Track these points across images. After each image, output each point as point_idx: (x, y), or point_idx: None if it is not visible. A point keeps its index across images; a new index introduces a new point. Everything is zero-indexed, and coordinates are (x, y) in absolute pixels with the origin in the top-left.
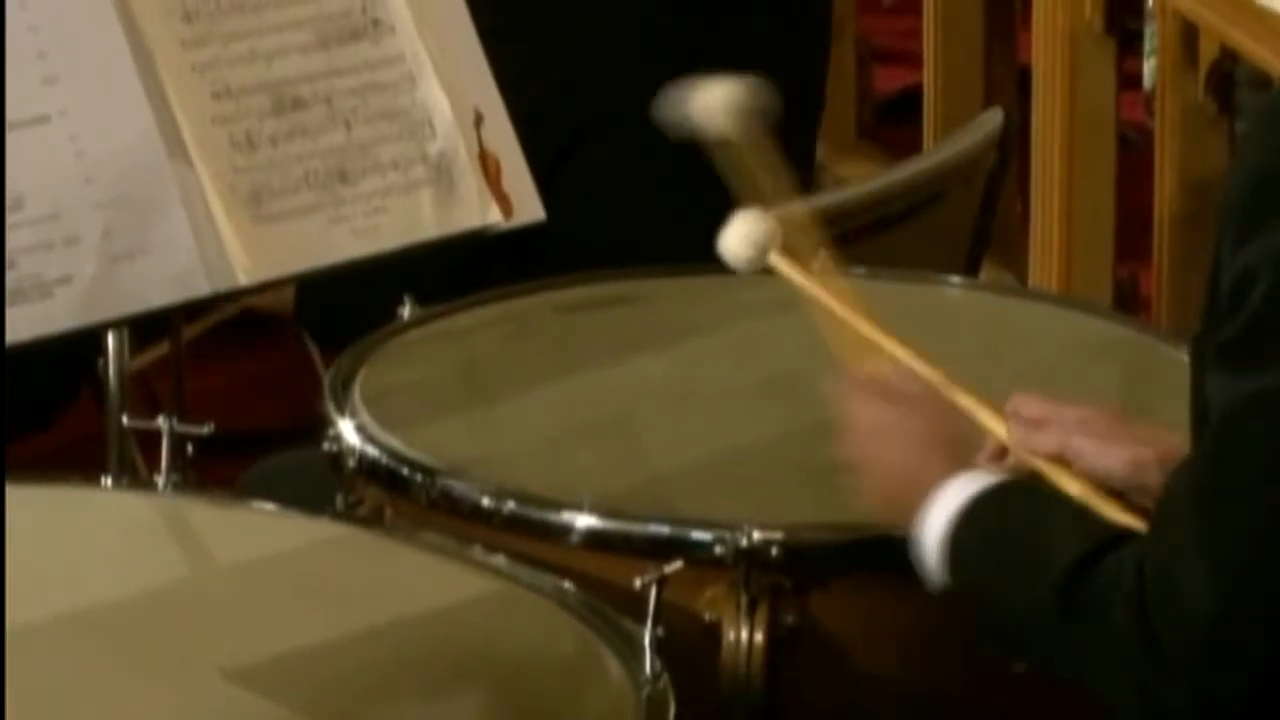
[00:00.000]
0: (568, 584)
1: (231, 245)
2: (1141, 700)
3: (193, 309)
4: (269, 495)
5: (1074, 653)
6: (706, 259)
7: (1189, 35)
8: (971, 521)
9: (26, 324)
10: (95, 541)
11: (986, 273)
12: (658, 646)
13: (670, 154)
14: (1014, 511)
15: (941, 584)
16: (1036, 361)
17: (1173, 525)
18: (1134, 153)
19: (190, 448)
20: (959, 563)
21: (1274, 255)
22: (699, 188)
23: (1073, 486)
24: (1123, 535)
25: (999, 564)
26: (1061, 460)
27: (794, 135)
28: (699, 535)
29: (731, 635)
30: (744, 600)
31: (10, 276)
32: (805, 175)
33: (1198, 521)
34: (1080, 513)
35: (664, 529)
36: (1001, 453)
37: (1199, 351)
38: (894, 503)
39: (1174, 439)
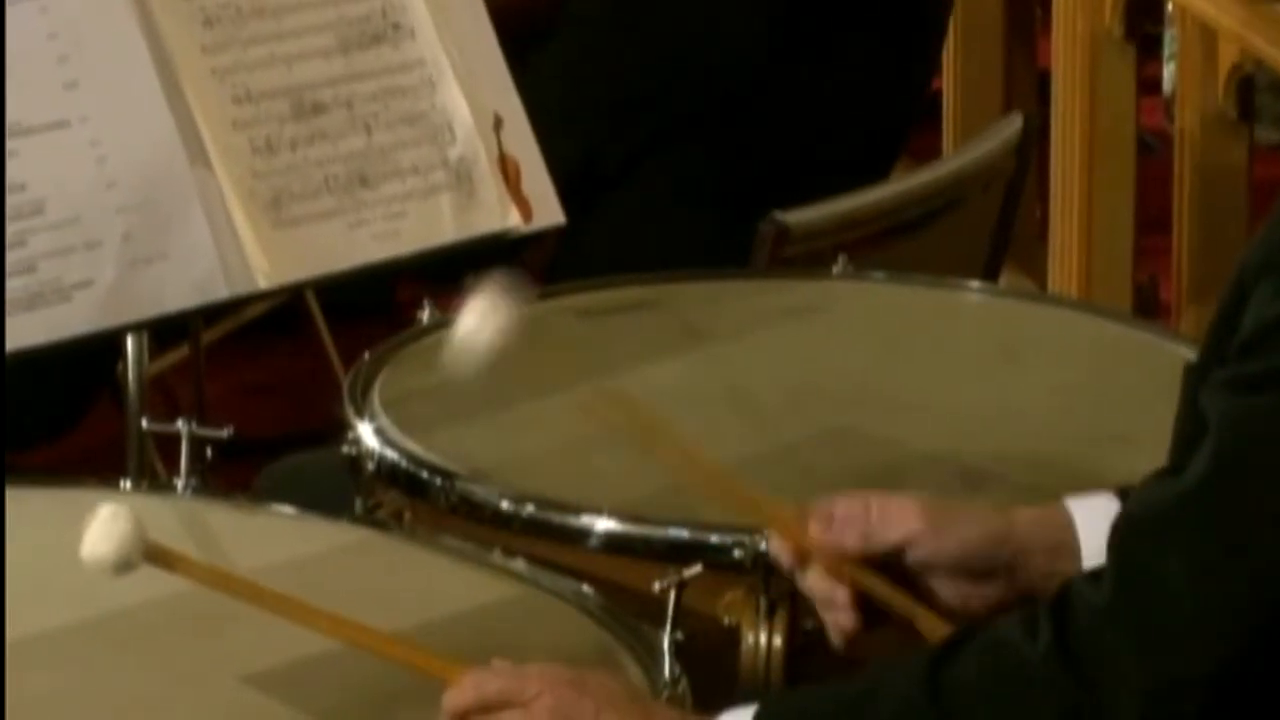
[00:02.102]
0: (587, 588)
1: (251, 249)
2: None
3: (212, 313)
4: (288, 499)
5: None
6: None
7: (1209, 40)
8: None
9: (45, 328)
10: None
11: (1006, 278)
12: (677, 650)
13: (693, 171)
14: (808, 693)
15: None
16: (1056, 367)
17: (1145, 533)
18: (1153, 158)
19: (209, 451)
20: None
21: None
22: (735, 210)
23: (885, 591)
24: (958, 636)
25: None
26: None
27: (880, 152)
28: (718, 539)
29: (750, 639)
30: (763, 604)
31: (30, 280)
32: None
33: (1183, 528)
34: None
35: (683, 533)
36: (803, 556)
37: (1198, 375)
38: None
39: (1008, 513)
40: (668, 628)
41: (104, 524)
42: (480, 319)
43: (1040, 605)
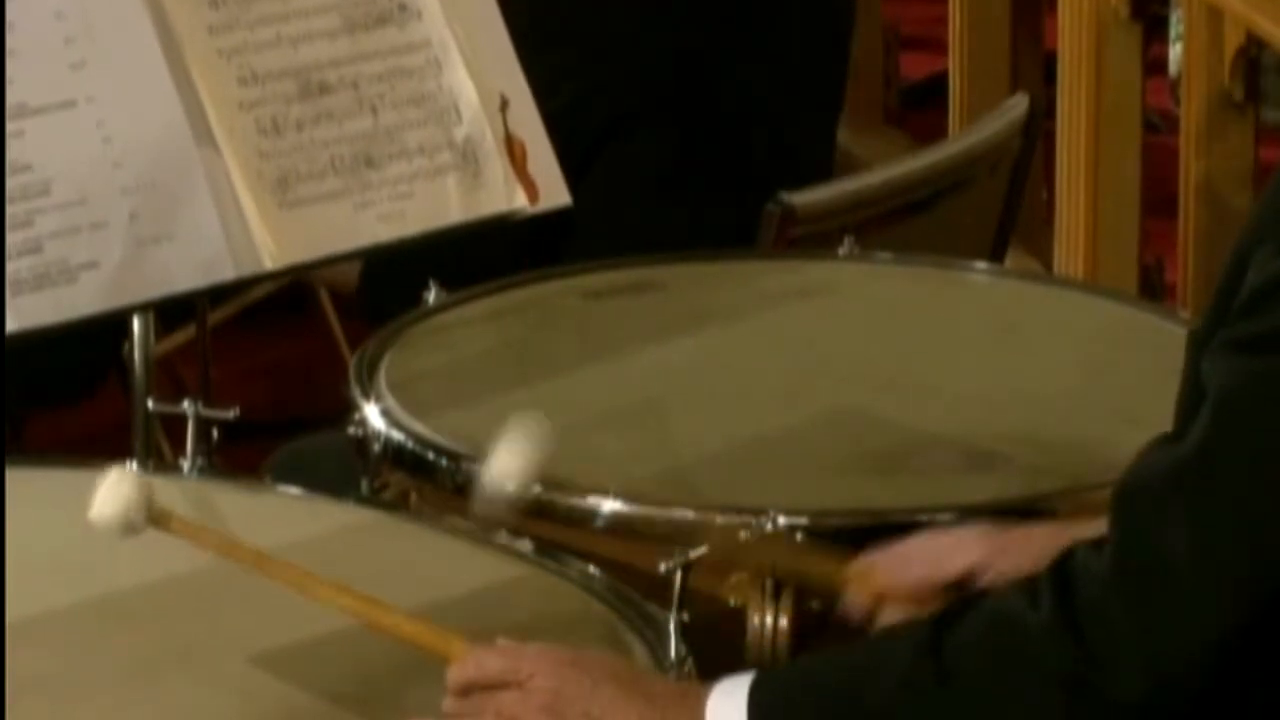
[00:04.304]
0: (593, 569)
1: (257, 230)
2: (1072, 703)
3: (218, 294)
4: (294, 480)
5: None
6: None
7: (1215, 21)
8: (770, 694)
9: (52, 308)
10: None
11: (1012, 259)
12: (683, 631)
13: (695, 152)
14: (807, 664)
15: None
16: (1061, 349)
17: (1146, 500)
18: (1159, 139)
19: (215, 432)
20: None
21: None
22: (723, 186)
23: None
24: (954, 606)
25: (831, 693)
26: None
27: (815, 126)
28: (724, 520)
29: (756, 620)
30: (769, 585)
31: (36, 261)
32: (826, 163)
33: (1183, 493)
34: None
35: (689, 514)
36: (879, 601)
37: (1199, 343)
38: None
39: (1070, 526)
40: (674, 608)
41: (111, 487)
42: (511, 459)
43: (1041, 574)
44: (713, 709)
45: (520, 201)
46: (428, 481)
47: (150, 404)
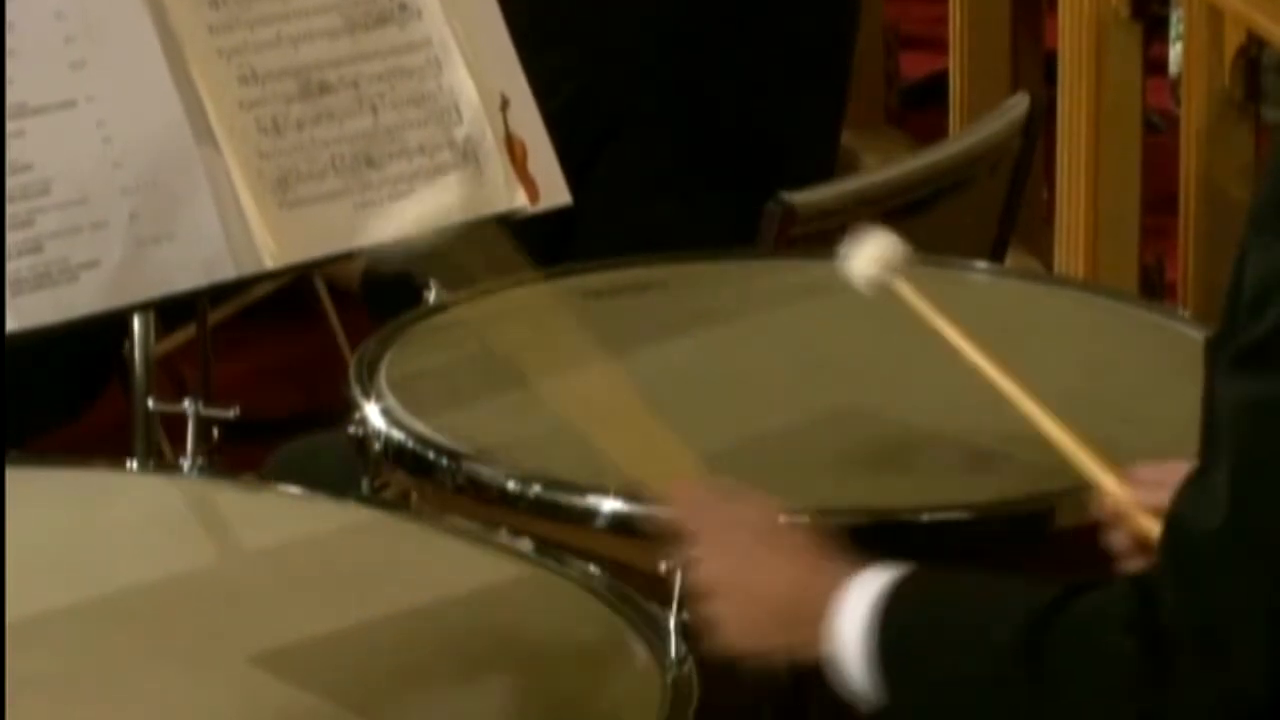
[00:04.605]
0: (594, 568)
1: (258, 229)
2: None
3: (219, 293)
4: (294, 479)
5: (1047, 709)
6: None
7: (1215, 21)
8: (894, 618)
9: (52, 308)
10: (121, 525)
11: (1012, 259)
12: (683, 631)
13: (696, 150)
14: (937, 595)
15: (876, 697)
16: (1061, 348)
17: (1191, 535)
18: (1160, 138)
19: (216, 431)
20: (891, 665)
21: None
22: (724, 186)
23: None
24: (1080, 584)
25: (940, 647)
26: None
27: (817, 126)
28: None
29: None
30: None
31: (36, 260)
32: (829, 162)
33: (1228, 526)
34: (1010, 580)
35: None
36: (1117, 516)
37: (1214, 354)
38: (776, 629)
39: None
40: (674, 608)
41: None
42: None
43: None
44: (849, 602)
45: (520, 201)
46: (428, 480)
47: (150, 403)
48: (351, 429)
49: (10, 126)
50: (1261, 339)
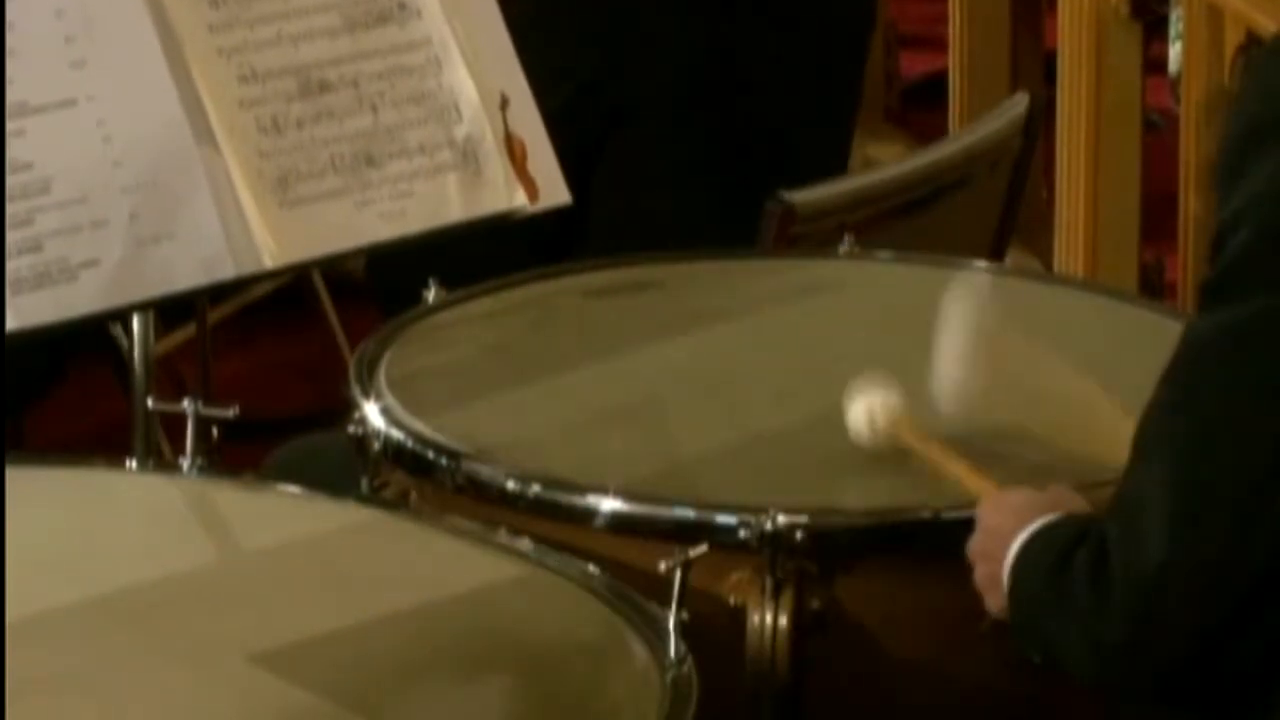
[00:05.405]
0: (593, 568)
1: (257, 229)
2: (1092, 658)
3: (218, 292)
4: (294, 479)
5: (1054, 627)
6: (736, 246)
7: (1215, 20)
8: (1031, 545)
9: (52, 307)
10: (120, 525)
11: (1012, 258)
12: (683, 630)
13: (701, 143)
14: (1058, 535)
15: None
16: (1061, 347)
17: (1134, 467)
18: (1160, 137)
19: (215, 431)
20: (1013, 580)
21: (1256, 201)
22: (726, 185)
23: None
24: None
25: (1034, 572)
26: None
27: (826, 127)
28: (724, 519)
29: (756, 619)
30: (769, 584)
31: (36, 259)
32: (838, 164)
33: (1156, 461)
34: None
35: (689, 513)
36: None
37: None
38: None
39: None
40: (674, 607)
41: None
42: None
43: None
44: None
45: (520, 200)
46: (428, 480)
47: (150, 403)
48: (351, 428)
49: (10, 125)
50: (1211, 280)
